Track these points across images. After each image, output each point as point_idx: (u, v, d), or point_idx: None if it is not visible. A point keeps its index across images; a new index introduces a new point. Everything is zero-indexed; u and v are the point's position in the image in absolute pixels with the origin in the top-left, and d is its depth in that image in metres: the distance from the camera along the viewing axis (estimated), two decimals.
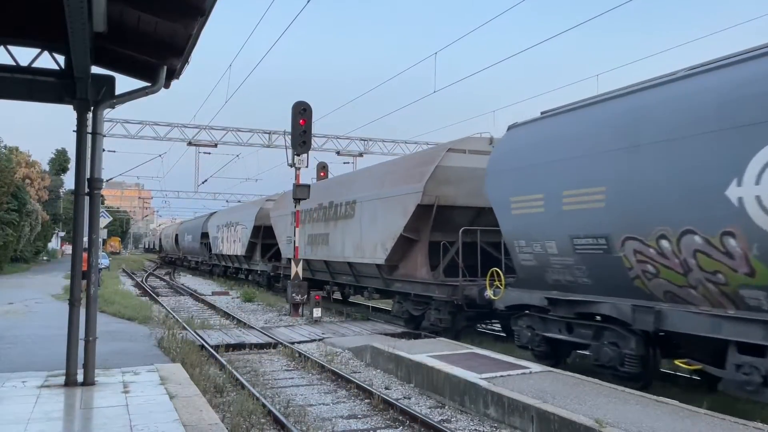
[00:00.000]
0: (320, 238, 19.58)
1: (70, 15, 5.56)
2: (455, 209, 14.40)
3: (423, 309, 14.71)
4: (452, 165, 14.27)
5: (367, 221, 16.54)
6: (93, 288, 7.90)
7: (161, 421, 6.32)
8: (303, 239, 20.31)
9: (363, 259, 16.55)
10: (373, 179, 17.19)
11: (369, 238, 16.30)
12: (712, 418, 6.67)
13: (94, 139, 7.97)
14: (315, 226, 20.26)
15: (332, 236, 18.73)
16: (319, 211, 19.98)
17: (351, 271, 17.87)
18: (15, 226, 36.07)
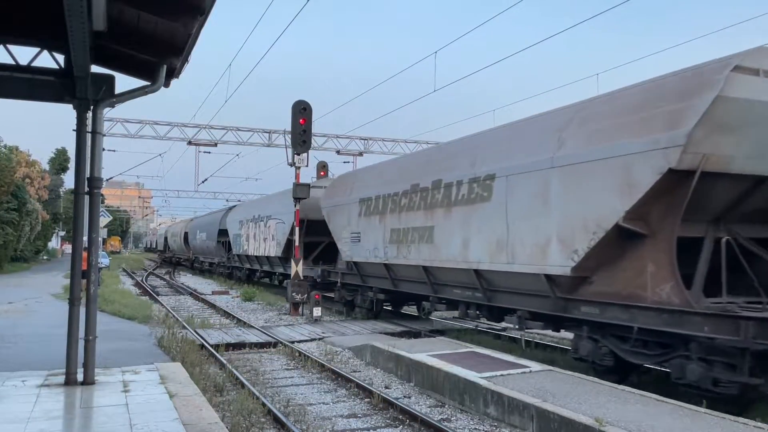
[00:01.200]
0: (414, 234, 13.87)
1: (69, 14, 5.55)
2: (725, 179, 8.21)
3: (661, 355, 8.55)
4: (742, 97, 7.89)
5: (520, 206, 10.47)
6: (93, 287, 7.90)
7: (161, 420, 6.32)
8: (374, 235, 15.62)
9: (511, 266, 10.57)
10: (533, 137, 10.75)
11: (527, 232, 10.26)
12: (712, 417, 6.67)
13: (94, 138, 7.97)
14: (404, 217, 14.34)
15: (440, 231, 12.76)
16: (413, 196, 13.97)
17: (480, 283, 11.61)
18: (15, 225, 36.07)
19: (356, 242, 16.73)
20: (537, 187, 10.06)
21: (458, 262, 12.09)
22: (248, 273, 31.20)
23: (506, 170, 10.86)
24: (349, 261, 17.34)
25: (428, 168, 13.87)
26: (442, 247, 12.66)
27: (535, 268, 9.99)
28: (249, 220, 28.86)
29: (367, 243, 16.09)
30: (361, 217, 16.52)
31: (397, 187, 14.82)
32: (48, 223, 52.65)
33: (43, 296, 21.43)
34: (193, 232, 44.92)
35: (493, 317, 12.15)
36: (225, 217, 34.78)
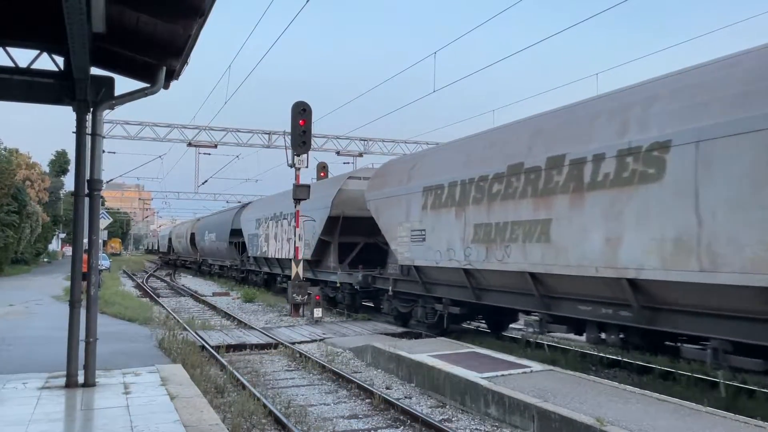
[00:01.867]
0: (515, 230, 10.55)
1: (68, 16, 5.55)
2: None
3: None
4: None
5: (726, 187, 7.24)
6: (93, 289, 7.91)
7: (162, 421, 6.32)
8: (447, 233, 12.60)
9: (712, 276, 7.37)
10: (747, 81, 7.27)
11: (743, 227, 7.07)
12: (714, 416, 6.67)
13: (94, 140, 7.97)
14: (497, 209, 11.04)
15: (562, 225, 9.56)
16: (513, 180, 10.67)
17: (635, 298, 8.54)
18: (15, 227, 36.07)
19: (419, 242, 13.58)
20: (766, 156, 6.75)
21: (596, 269, 8.78)
22: (266, 278, 27.55)
23: (694, 134, 7.48)
24: (407, 265, 14.28)
25: (537, 140, 10.37)
26: (564, 247, 9.44)
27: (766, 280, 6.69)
28: (269, 218, 25.58)
29: (436, 242, 12.96)
30: (426, 211, 13.39)
31: (483, 169, 11.51)
32: (48, 226, 52.67)
33: (43, 298, 21.43)
34: (201, 232, 41.90)
35: (649, 344, 9.11)
36: (238, 216, 31.68)
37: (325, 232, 19.33)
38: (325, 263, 20.40)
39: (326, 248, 20.02)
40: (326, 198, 19.20)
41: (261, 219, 26.86)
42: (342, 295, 19.02)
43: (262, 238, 26.60)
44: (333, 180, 21.70)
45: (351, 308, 18.74)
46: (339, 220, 18.95)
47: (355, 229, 18.92)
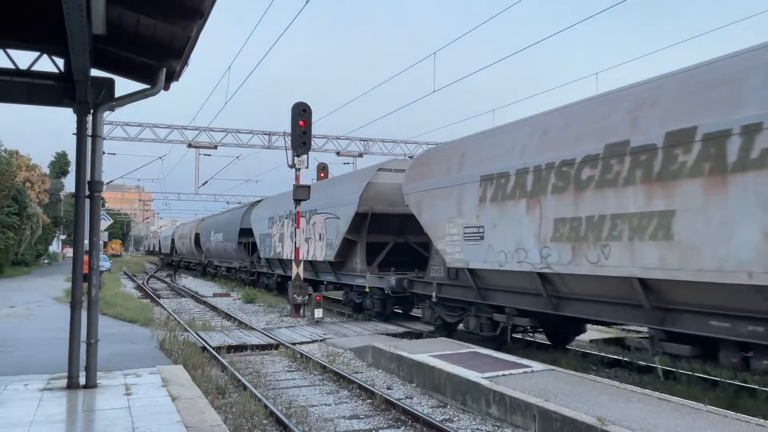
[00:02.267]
0: (618, 225, 8.68)
1: (68, 17, 5.56)
2: None
3: None
4: None
5: None
6: (94, 290, 7.91)
7: (163, 422, 6.32)
8: (515, 230, 10.71)
9: None
10: None
11: None
12: (714, 415, 6.67)
13: (94, 141, 7.98)
14: (588, 199, 9.20)
15: (692, 218, 7.68)
16: (613, 163, 8.79)
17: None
18: (16, 229, 36.09)
19: (475, 240, 11.58)
20: None
21: (749, 274, 6.95)
22: (280, 280, 25.23)
23: None
24: (458, 267, 12.38)
25: (648, 113, 8.42)
26: (695, 245, 7.55)
27: None
28: (283, 216, 23.25)
29: (499, 241, 10.98)
30: (484, 204, 11.40)
31: (568, 151, 9.54)
32: (49, 227, 52.71)
33: (44, 300, 21.44)
34: (207, 232, 39.43)
35: None
36: (248, 214, 29.48)
37: (351, 230, 17.38)
38: (349, 265, 18.26)
39: (352, 249, 17.94)
40: (353, 193, 17.35)
41: (274, 217, 24.44)
42: (371, 301, 17.09)
43: (275, 237, 24.29)
44: (360, 173, 19.46)
45: (381, 315, 16.93)
46: (367, 217, 17.03)
47: (385, 227, 17.33)
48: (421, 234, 14.37)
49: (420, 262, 16.22)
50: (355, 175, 20.05)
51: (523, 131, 11.15)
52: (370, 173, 17.65)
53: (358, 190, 17.23)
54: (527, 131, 10.98)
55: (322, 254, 19.27)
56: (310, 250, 20.28)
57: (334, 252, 18.27)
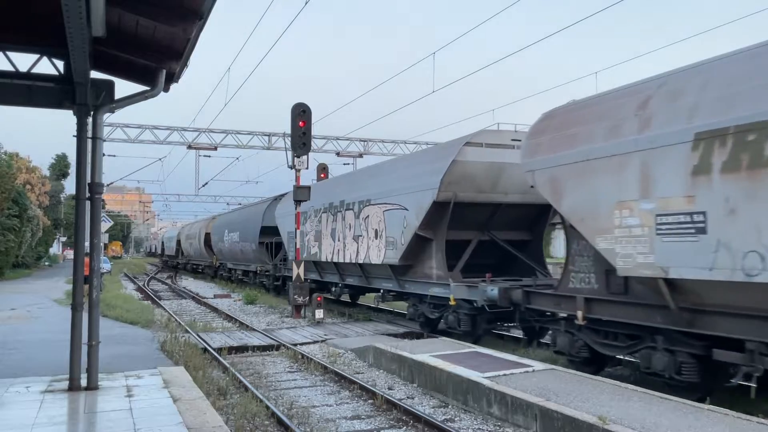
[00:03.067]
0: None
1: (68, 20, 5.57)
2: None
3: None
4: None
5: None
6: (95, 292, 7.92)
7: (165, 424, 6.33)
8: None
9: None
10: None
11: None
12: (715, 414, 6.68)
13: (94, 143, 7.98)
14: None
15: None
16: None
17: None
18: (16, 231, 36.10)
19: (685, 235, 7.65)
20: None
21: None
22: (315, 287, 20.37)
23: None
24: (639, 276, 8.41)
25: None
26: None
27: None
28: (320, 210, 19.64)
29: (744, 237, 6.97)
30: (708, 176, 7.34)
31: None
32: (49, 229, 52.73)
33: (45, 302, 21.44)
34: (219, 232, 35.58)
35: None
36: (271, 210, 25.75)
37: (425, 225, 13.55)
38: (420, 269, 14.33)
39: (424, 248, 13.99)
40: (430, 175, 13.40)
41: (308, 212, 20.76)
42: (454, 317, 13.09)
43: (309, 236, 20.67)
44: (439, 150, 14.86)
45: (470, 336, 12.91)
46: (449, 207, 13.05)
47: (468, 221, 13.63)
48: (510, 228, 12.57)
49: (507, 265, 13.86)
50: (433, 152, 15.47)
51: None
52: (454, 149, 13.37)
53: (438, 172, 13.12)
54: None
55: (380, 256, 15.30)
56: (360, 250, 16.48)
57: (398, 253, 14.44)
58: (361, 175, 18.68)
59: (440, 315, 13.94)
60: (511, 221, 12.39)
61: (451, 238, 13.76)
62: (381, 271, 16.02)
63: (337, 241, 18.28)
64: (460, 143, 13.39)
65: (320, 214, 19.87)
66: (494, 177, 13.05)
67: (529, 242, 14.64)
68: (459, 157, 13.11)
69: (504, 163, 13.29)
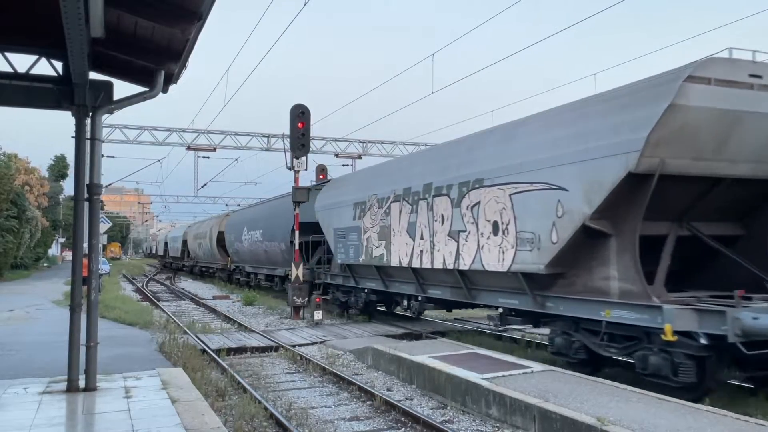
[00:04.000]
0: None
1: (67, 21, 5.57)
2: None
3: None
4: None
5: None
6: (94, 293, 7.91)
7: (164, 425, 6.32)
8: None
9: None
10: None
11: None
12: (714, 415, 6.68)
13: (93, 144, 7.98)
14: None
15: None
16: None
17: None
18: (15, 232, 36.08)
19: None
20: None
21: None
22: (375, 299, 17.07)
23: None
24: None
25: None
26: None
27: None
28: (388, 198, 14.82)
29: None
30: None
31: None
32: (48, 230, 52.68)
33: (44, 303, 21.42)
34: (236, 230, 30.95)
35: None
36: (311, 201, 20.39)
37: (602, 212, 8.79)
38: (581, 280, 9.50)
39: (594, 249, 9.08)
40: (620, 131, 8.48)
41: (368, 202, 15.92)
42: (665, 361, 8.18)
43: (370, 233, 15.74)
44: (632, 90, 8.71)
45: (691, 391, 8.04)
46: (650, 182, 8.29)
47: (666, 206, 8.94)
48: (719, 218, 8.98)
49: (695, 272, 9.86)
50: (617, 96, 8.99)
51: None
52: (667, 87, 8.05)
53: (639, 124, 8.16)
54: None
55: (503, 260, 10.57)
56: (463, 252, 11.71)
57: (544, 256, 9.62)
58: (457, 147, 12.74)
59: (625, 352, 9.06)
60: (722, 207, 8.55)
61: (648, 233, 8.92)
62: (500, 282, 11.00)
63: (418, 240, 13.27)
64: (677, 77, 8.01)
65: (387, 204, 14.80)
66: (722, 135, 8.30)
67: (741, 239, 9.71)
68: (678, 100, 7.89)
69: (740, 113, 8.27)
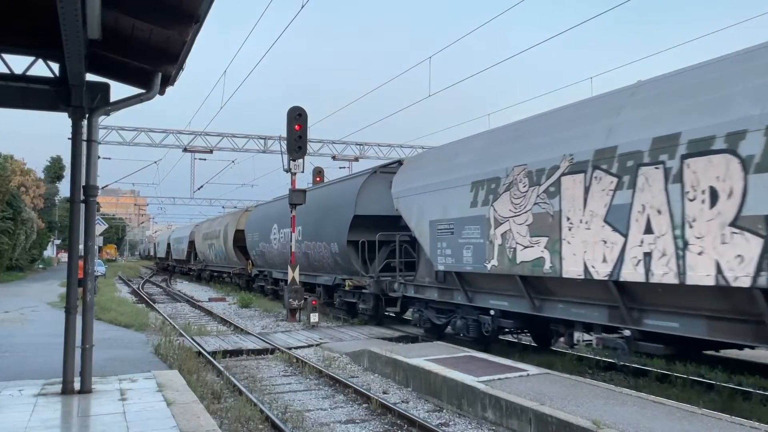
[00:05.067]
0: None
1: (64, 22, 5.57)
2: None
3: None
4: None
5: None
6: (89, 295, 7.89)
7: (159, 428, 6.31)
8: None
9: None
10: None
11: None
12: (709, 418, 6.69)
13: (89, 146, 7.97)
14: None
15: None
16: None
17: None
18: (10, 234, 35.99)
19: None
20: None
21: None
22: (505, 328, 11.97)
23: None
24: None
25: None
26: None
27: None
28: (560, 167, 9.37)
29: None
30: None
31: None
32: (43, 232, 52.52)
33: (39, 305, 21.36)
34: (261, 228, 25.39)
35: None
36: (375, 185, 16.84)
37: None
38: None
39: None
40: None
41: (506, 178, 10.66)
42: None
43: (511, 226, 10.52)
44: None
45: None
46: None
47: None
48: None
49: None
50: None
51: None
52: None
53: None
54: None
55: None
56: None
57: None
58: None
59: None
60: None
61: None
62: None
63: (638, 234, 8.04)
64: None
65: (553, 178, 9.52)
66: None
67: None
68: None
69: None
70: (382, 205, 16.02)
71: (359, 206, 16.87)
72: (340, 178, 18.90)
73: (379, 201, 16.15)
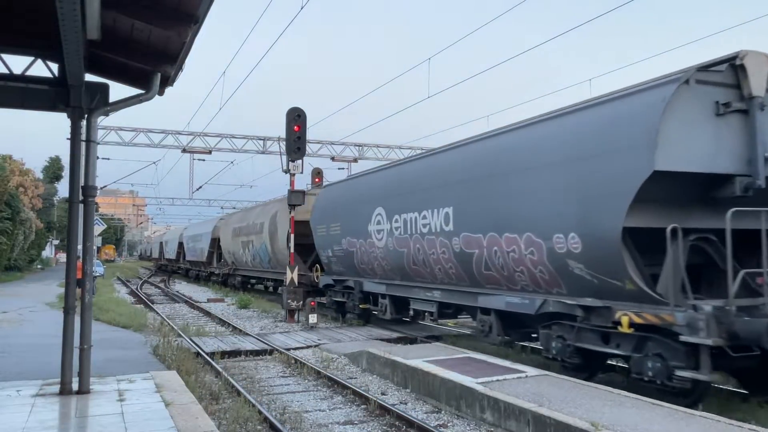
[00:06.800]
0: None
1: (63, 22, 5.57)
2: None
3: None
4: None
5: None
6: (87, 296, 7.89)
7: (157, 428, 6.30)
8: None
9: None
10: None
11: None
12: (707, 420, 6.70)
13: (88, 146, 7.97)
14: None
15: None
16: None
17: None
18: (9, 234, 35.95)
19: None
20: None
21: None
22: None
23: None
24: None
25: None
26: None
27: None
28: None
29: None
30: None
31: None
32: (42, 232, 52.47)
33: (37, 305, 21.32)
34: (348, 215, 16.79)
35: None
36: None
37: None
38: None
39: None
40: None
41: None
42: None
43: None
44: None
45: None
46: None
47: None
48: None
49: None
50: None
51: None
52: None
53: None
54: None
55: None
56: None
57: None
58: None
59: None
60: None
61: None
62: None
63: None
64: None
65: None
66: None
67: None
68: None
69: None
70: (705, 152, 7.94)
71: (663, 151, 7.65)
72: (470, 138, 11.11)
73: (700, 143, 7.94)
